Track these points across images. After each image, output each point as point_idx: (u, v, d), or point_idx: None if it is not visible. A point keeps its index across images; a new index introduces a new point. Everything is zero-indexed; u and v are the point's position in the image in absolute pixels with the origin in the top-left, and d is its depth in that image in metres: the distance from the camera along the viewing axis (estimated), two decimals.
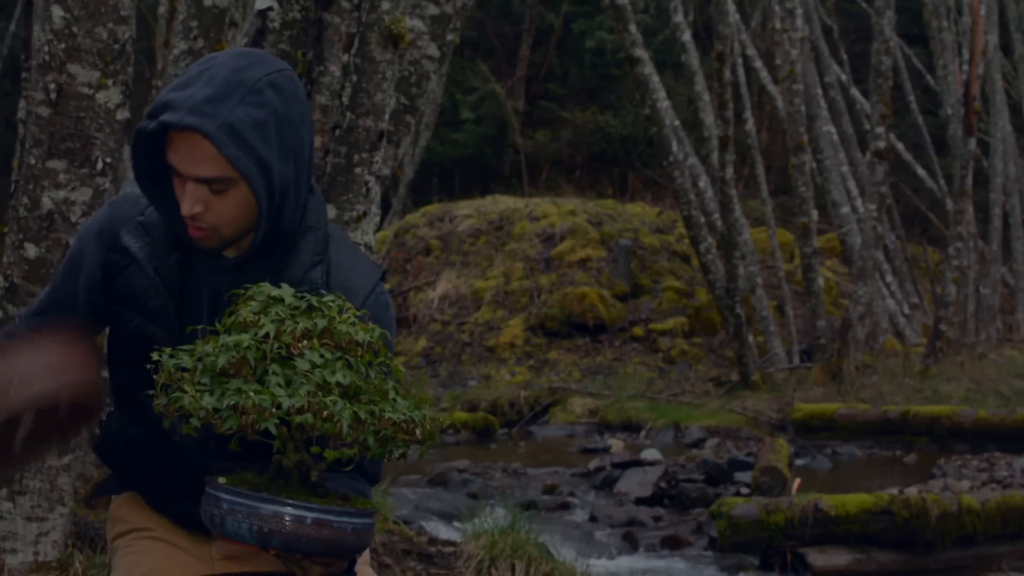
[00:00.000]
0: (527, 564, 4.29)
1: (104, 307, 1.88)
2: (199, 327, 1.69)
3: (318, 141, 4.24)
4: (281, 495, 1.59)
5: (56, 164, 3.04)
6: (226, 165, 1.70)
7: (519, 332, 14.02)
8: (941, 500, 5.90)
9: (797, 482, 7.37)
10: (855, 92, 16.88)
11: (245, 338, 1.57)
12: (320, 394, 1.57)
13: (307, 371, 1.58)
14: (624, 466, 8.34)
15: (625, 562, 6.00)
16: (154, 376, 1.57)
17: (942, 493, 6.45)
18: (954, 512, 5.84)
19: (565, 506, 7.38)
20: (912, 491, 6.62)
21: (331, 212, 3.92)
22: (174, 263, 1.83)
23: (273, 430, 1.56)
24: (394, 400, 1.65)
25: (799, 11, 12.45)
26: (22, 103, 4.55)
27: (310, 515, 1.58)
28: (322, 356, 1.60)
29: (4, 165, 7.85)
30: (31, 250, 3.07)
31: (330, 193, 3.95)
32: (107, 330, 1.94)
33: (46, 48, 3.02)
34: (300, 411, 1.56)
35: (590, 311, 14.19)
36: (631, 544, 6.43)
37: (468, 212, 16.61)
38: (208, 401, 1.54)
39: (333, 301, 1.66)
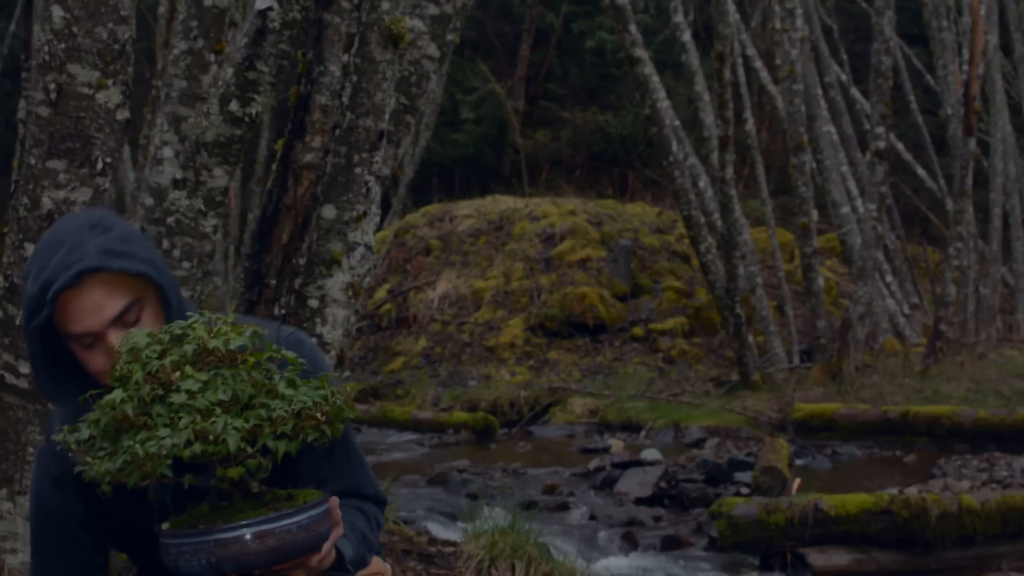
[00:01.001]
0: (527, 564, 4.29)
1: (99, 540, 1.89)
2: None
3: (318, 141, 4.24)
4: (224, 520, 1.60)
5: (56, 164, 3.04)
6: (124, 287, 1.73)
7: (519, 332, 14.02)
8: (941, 500, 5.90)
9: (797, 482, 7.37)
10: (855, 92, 16.88)
11: (118, 393, 1.57)
12: (201, 420, 1.57)
13: (186, 401, 1.58)
14: (624, 466, 8.34)
15: (625, 562, 6.00)
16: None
17: (942, 493, 6.45)
18: (954, 512, 5.84)
19: (565, 506, 7.38)
20: (912, 491, 6.62)
21: (331, 212, 3.93)
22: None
23: (169, 472, 1.56)
24: (290, 392, 1.64)
25: (799, 11, 12.45)
26: (22, 103, 4.55)
27: (248, 531, 1.58)
28: (198, 380, 1.60)
29: (4, 165, 7.86)
30: (31, 250, 3.07)
31: (330, 193, 3.95)
32: None
33: (46, 48, 3.02)
34: (188, 444, 1.56)
35: (590, 311, 14.19)
36: (631, 544, 6.43)
37: (468, 212, 16.61)
38: (108, 466, 1.55)
39: (198, 320, 1.65)
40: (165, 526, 1.62)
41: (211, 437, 1.56)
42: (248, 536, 1.58)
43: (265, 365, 1.66)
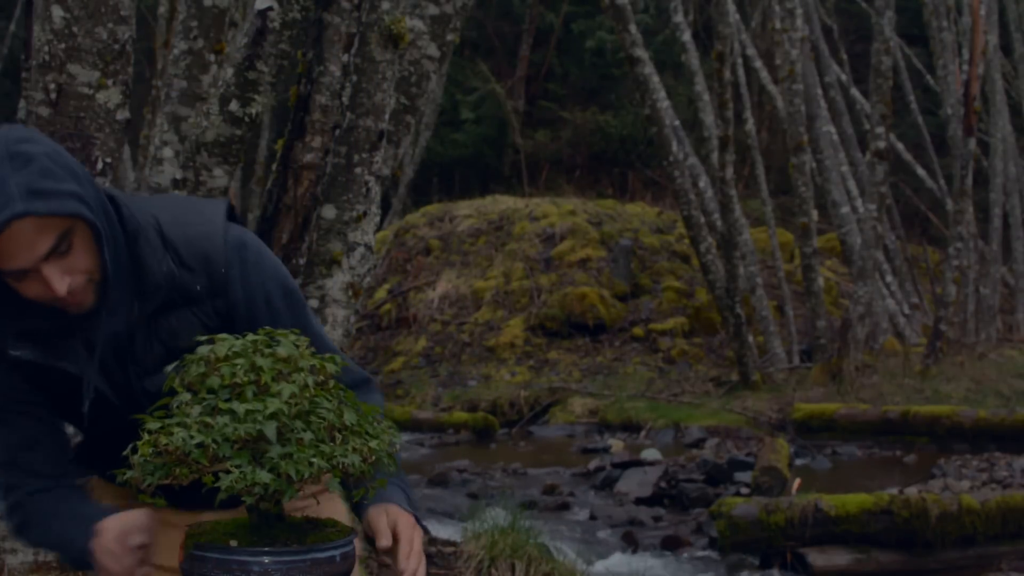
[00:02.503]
0: (527, 564, 4.29)
1: (47, 401, 1.89)
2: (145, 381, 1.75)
3: (318, 141, 4.24)
4: (297, 540, 1.61)
5: None
6: (51, 224, 1.69)
7: (519, 332, 14.02)
8: (941, 500, 5.90)
9: (797, 482, 7.37)
10: (855, 92, 16.88)
11: (276, 403, 1.56)
12: (351, 438, 1.61)
13: (326, 420, 1.60)
14: (624, 466, 8.34)
15: (625, 562, 6.00)
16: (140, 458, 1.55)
17: (942, 493, 6.45)
18: (954, 512, 5.84)
19: (565, 506, 7.38)
20: (912, 491, 6.62)
21: (331, 212, 3.93)
22: (75, 344, 1.83)
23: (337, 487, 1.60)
24: (362, 438, 1.66)
25: (799, 11, 12.45)
26: (22, 103, 4.55)
27: (337, 552, 1.61)
28: (327, 400, 1.62)
29: None
30: None
31: (330, 193, 3.95)
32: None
33: (46, 48, 3.02)
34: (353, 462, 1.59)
35: (590, 311, 14.19)
36: (631, 544, 6.44)
37: (468, 212, 16.61)
38: (263, 476, 1.53)
39: (286, 336, 1.64)
40: (234, 543, 1.61)
41: (365, 454, 1.60)
42: (338, 558, 1.61)
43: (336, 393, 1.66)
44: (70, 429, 1.97)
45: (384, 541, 1.78)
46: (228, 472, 1.52)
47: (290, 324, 1.83)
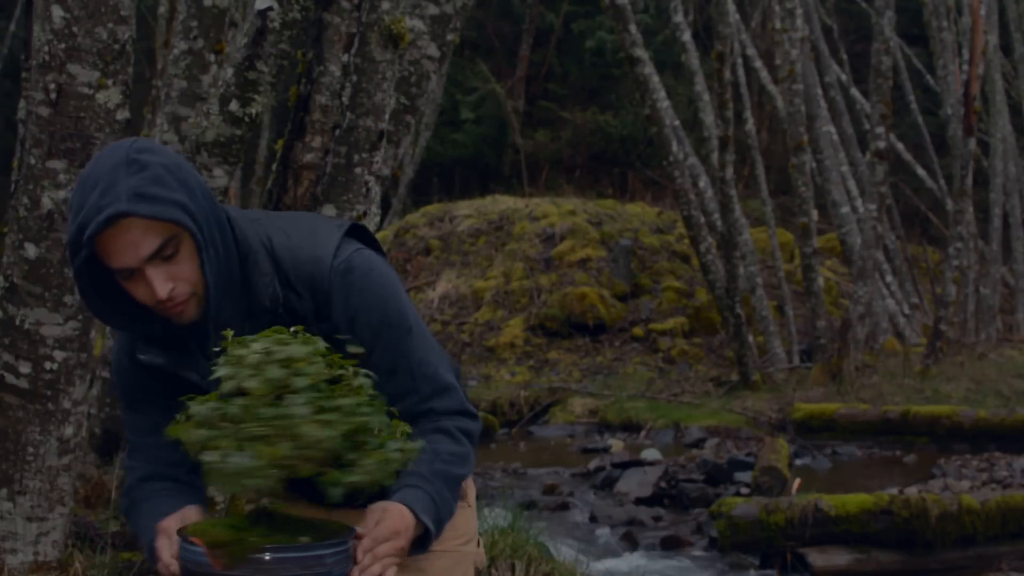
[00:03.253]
0: (527, 564, 4.29)
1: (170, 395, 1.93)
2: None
3: (318, 141, 4.24)
4: (315, 537, 1.65)
5: (56, 164, 3.04)
6: (156, 228, 1.76)
7: (519, 332, 14.02)
8: (941, 500, 5.90)
9: (797, 482, 7.37)
10: (855, 92, 16.88)
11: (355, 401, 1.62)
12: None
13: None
14: (624, 466, 8.34)
15: (625, 562, 6.00)
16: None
17: (942, 493, 6.45)
18: (954, 512, 5.84)
19: (565, 506, 7.38)
20: (912, 491, 6.62)
21: (331, 212, 3.93)
22: (196, 353, 1.90)
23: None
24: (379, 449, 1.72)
25: (799, 11, 12.45)
26: (22, 103, 4.55)
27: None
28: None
29: (4, 165, 7.85)
30: (31, 250, 3.07)
31: (330, 193, 3.95)
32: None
33: (46, 48, 3.02)
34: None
35: (590, 311, 14.19)
36: (631, 544, 6.44)
37: (468, 212, 16.61)
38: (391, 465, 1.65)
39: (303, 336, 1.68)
40: (304, 539, 1.65)
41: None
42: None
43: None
44: None
45: (360, 530, 1.76)
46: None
47: (384, 353, 1.88)
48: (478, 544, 2.16)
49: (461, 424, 1.94)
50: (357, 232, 1.98)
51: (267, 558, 1.59)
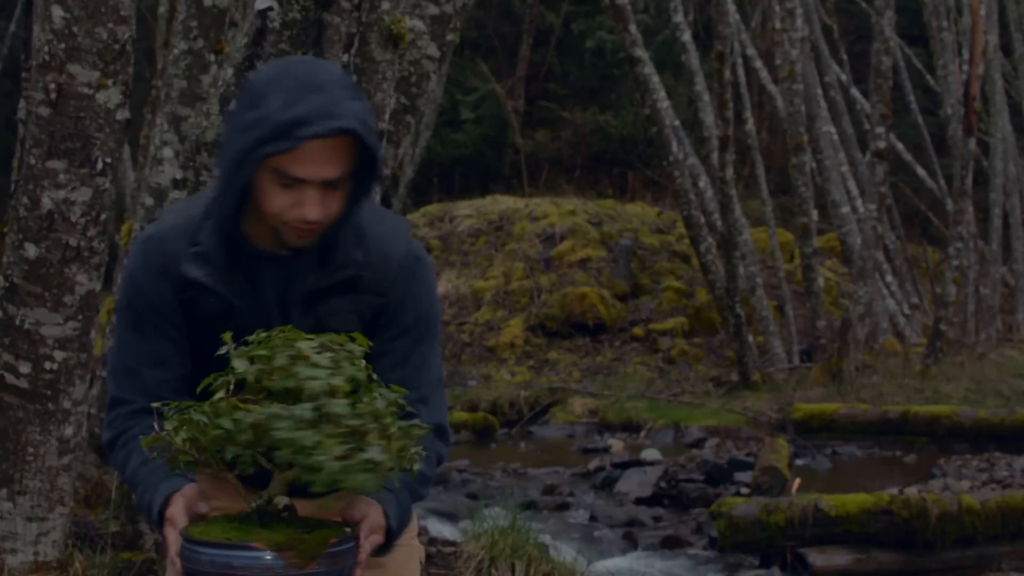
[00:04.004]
0: (527, 564, 4.29)
1: (184, 335, 1.96)
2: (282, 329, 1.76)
3: None
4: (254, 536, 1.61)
5: (56, 164, 3.04)
6: (349, 159, 1.81)
7: (519, 332, 14.02)
8: (941, 500, 5.90)
9: (797, 482, 7.37)
10: (855, 92, 16.87)
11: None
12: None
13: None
14: (624, 466, 8.34)
15: (625, 562, 6.00)
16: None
17: (942, 493, 6.45)
18: (954, 512, 5.84)
19: (565, 506, 7.38)
20: (912, 491, 6.62)
21: None
22: (242, 279, 1.91)
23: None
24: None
25: (799, 11, 12.45)
26: (22, 103, 4.55)
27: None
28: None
29: (4, 165, 7.85)
30: (31, 250, 3.07)
31: None
32: None
33: (46, 48, 3.02)
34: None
35: (590, 311, 14.18)
36: (631, 544, 6.44)
37: (468, 212, 16.61)
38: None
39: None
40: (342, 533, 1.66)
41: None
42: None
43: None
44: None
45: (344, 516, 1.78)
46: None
47: (408, 343, 1.95)
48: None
49: (438, 448, 1.99)
50: None
51: (338, 550, 1.61)
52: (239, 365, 1.62)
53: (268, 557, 1.57)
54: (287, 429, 1.55)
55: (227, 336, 1.70)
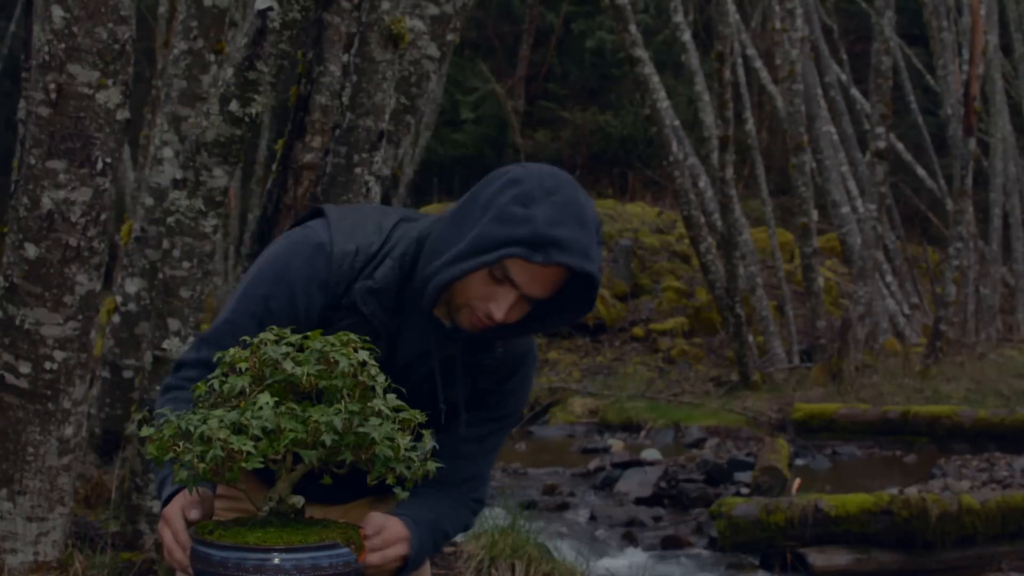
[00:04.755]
0: (527, 564, 4.29)
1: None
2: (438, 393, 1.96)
3: (318, 141, 4.24)
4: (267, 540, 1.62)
5: (56, 164, 3.04)
6: (555, 289, 1.88)
7: None
8: (941, 500, 5.90)
9: (797, 482, 7.37)
10: (855, 92, 16.87)
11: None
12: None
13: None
14: (624, 466, 8.34)
15: (625, 562, 6.00)
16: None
17: (942, 493, 6.45)
18: (954, 512, 5.84)
19: (565, 506, 7.38)
20: (912, 491, 6.62)
21: None
22: (396, 326, 1.96)
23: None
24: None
25: (799, 11, 12.45)
26: (22, 103, 4.56)
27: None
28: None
29: (4, 165, 7.85)
30: (31, 250, 3.07)
31: (330, 193, 3.95)
32: None
33: (46, 48, 3.02)
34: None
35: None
36: (631, 544, 6.44)
37: None
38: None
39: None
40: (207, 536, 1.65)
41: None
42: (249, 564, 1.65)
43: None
44: None
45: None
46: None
47: (493, 431, 2.07)
48: None
49: (477, 511, 2.11)
50: None
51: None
52: (288, 367, 1.63)
53: (348, 552, 1.63)
54: (377, 426, 1.61)
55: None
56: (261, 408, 1.59)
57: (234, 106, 3.46)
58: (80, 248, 3.09)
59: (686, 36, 13.15)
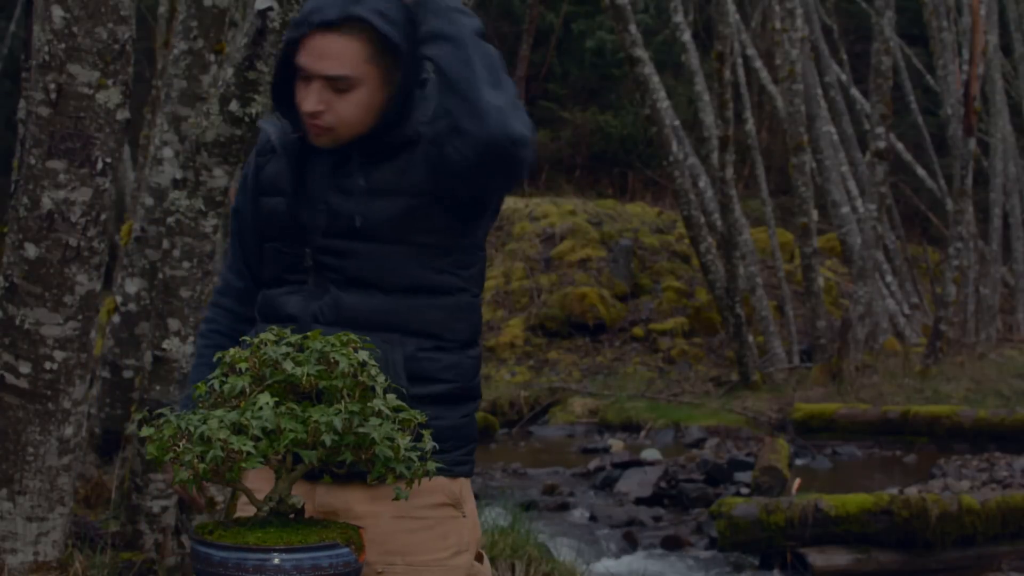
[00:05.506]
0: (527, 564, 4.29)
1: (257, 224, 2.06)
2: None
3: None
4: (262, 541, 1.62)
5: (56, 164, 3.04)
6: (353, 65, 1.86)
7: (519, 332, 14.02)
8: (941, 500, 5.90)
9: (797, 482, 7.37)
10: (855, 92, 16.87)
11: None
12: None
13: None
14: (624, 466, 8.34)
15: (625, 562, 6.00)
16: None
17: (942, 493, 6.45)
18: (954, 512, 5.84)
19: (565, 506, 7.38)
20: (912, 491, 6.62)
21: None
22: (297, 139, 1.98)
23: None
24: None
25: (799, 11, 12.45)
26: (22, 103, 4.56)
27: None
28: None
29: (4, 165, 7.85)
30: (31, 250, 3.07)
31: None
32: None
33: (46, 48, 3.02)
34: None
35: (590, 311, 14.18)
36: (631, 544, 6.44)
37: None
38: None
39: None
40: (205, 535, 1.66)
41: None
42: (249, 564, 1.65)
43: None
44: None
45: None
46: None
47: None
48: (481, 560, 2.06)
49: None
50: None
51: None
52: (288, 367, 1.64)
53: (348, 553, 1.63)
54: (377, 426, 1.61)
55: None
56: (261, 408, 1.59)
57: (234, 106, 3.46)
58: (80, 248, 3.09)
59: (686, 36, 13.15)
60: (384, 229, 1.91)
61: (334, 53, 1.85)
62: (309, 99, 1.88)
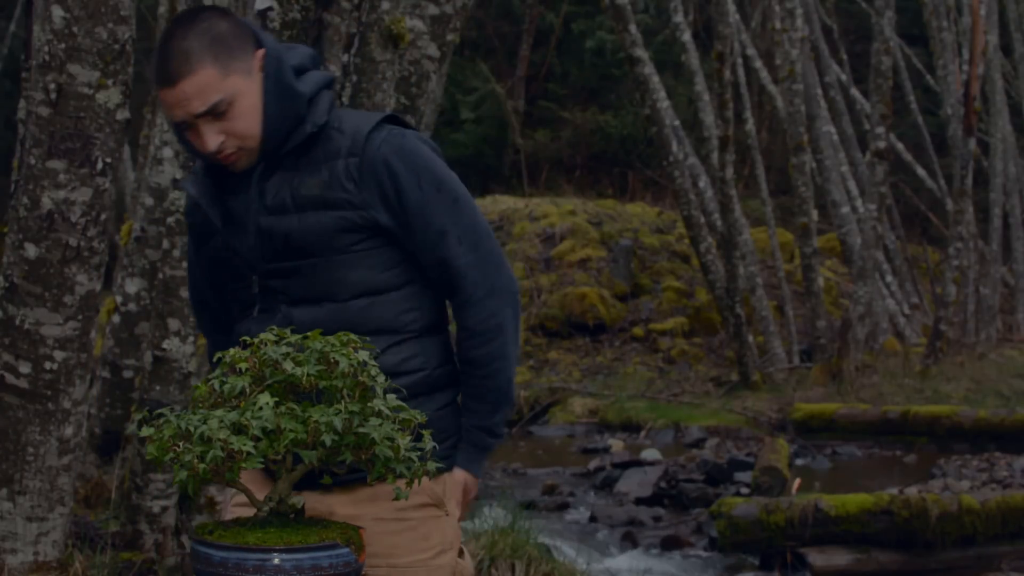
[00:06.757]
0: (527, 564, 4.29)
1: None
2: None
3: None
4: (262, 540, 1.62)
5: (56, 164, 3.04)
6: (217, 88, 1.89)
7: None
8: (941, 500, 5.90)
9: (797, 482, 7.37)
10: (855, 92, 16.87)
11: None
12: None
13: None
14: (624, 466, 8.34)
15: (625, 562, 6.00)
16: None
17: (942, 493, 6.45)
18: (954, 512, 5.84)
19: (565, 506, 7.38)
20: (912, 491, 6.62)
21: None
22: (211, 182, 2.01)
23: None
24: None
25: (799, 11, 12.44)
26: (22, 103, 4.56)
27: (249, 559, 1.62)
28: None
29: (4, 165, 7.85)
30: (31, 250, 3.07)
31: None
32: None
33: (46, 48, 3.02)
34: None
35: (590, 311, 14.18)
36: (631, 544, 6.44)
37: None
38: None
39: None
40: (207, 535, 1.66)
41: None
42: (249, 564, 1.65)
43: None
44: None
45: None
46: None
47: (417, 198, 1.95)
48: (461, 554, 2.08)
49: (496, 343, 2.12)
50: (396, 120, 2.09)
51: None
52: (288, 367, 1.64)
53: (348, 553, 1.63)
54: (377, 426, 1.61)
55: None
56: (261, 408, 1.59)
57: None
58: (80, 248, 3.09)
59: (686, 36, 13.15)
60: (320, 243, 1.92)
61: (194, 92, 1.89)
62: (206, 140, 1.91)
